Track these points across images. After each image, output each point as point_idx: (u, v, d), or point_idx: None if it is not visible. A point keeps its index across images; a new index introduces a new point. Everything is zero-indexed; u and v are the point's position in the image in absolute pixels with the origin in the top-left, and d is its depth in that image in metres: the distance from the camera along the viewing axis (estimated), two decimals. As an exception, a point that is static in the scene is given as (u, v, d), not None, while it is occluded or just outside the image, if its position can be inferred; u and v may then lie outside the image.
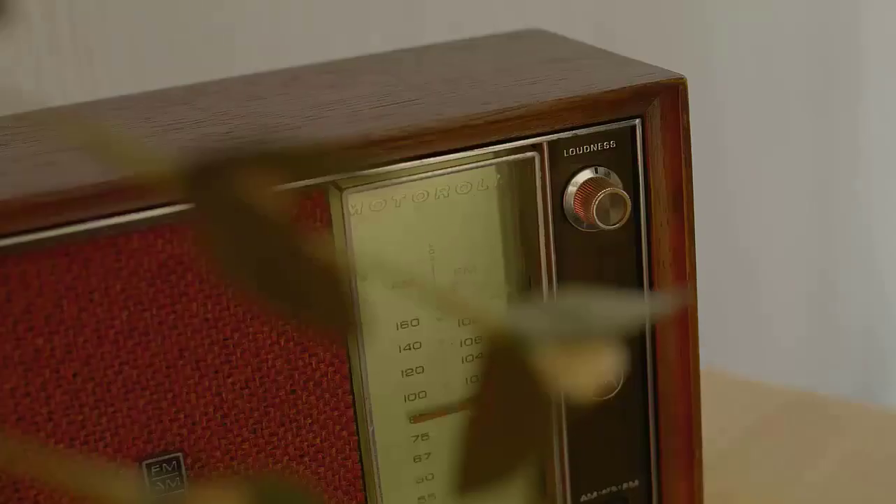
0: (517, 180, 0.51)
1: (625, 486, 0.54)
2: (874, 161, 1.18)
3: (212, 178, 0.24)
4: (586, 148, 0.50)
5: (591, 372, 0.29)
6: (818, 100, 1.12)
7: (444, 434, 0.52)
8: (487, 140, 0.49)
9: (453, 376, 0.52)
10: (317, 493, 0.25)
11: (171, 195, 0.24)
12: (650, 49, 0.95)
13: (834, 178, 1.16)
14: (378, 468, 0.50)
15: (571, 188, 0.50)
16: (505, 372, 0.29)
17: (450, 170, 0.49)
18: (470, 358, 0.52)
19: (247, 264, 0.25)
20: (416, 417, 0.51)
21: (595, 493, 0.54)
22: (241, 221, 0.24)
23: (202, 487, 0.26)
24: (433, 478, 0.52)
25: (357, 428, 0.50)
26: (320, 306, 0.26)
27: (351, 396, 0.49)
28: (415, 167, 0.48)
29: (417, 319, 0.51)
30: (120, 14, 0.77)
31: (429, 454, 0.52)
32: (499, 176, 0.50)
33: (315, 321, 0.26)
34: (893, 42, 1.13)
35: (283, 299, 0.26)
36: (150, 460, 0.48)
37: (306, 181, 0.47)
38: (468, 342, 0.51)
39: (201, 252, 0.44)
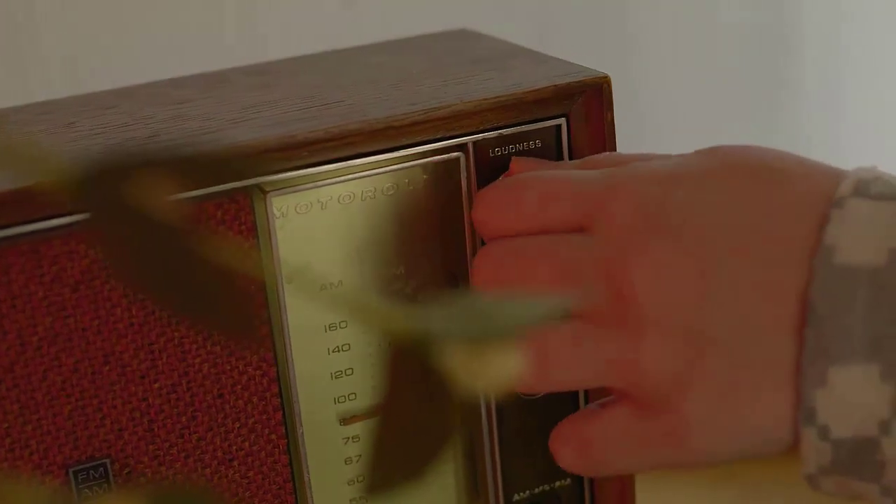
0: (444, 180, 0.51)
1: (557, 484, 0.55)
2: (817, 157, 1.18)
3: (105, 184, 0.24)
4: (512, 147, 0.50)
5: (499, 371, 0.29)
6: (757, 97, 1.13)
7: (375, 435, 0.52)
8: (412, 141, 0.49)
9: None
10: (218, 495, 0.25)
11: (68, 203, 0.24)
12: (586, 46, 0.95)
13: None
14: (308, 471, 0.50)
15: (497, 188, 0.50)
16: (412, 372, 0.29)
17: (375, 171, 0.49)
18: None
19: (145, 271, 0.25)
20: (347, 419, 0.51)
21: (527, 492, 0.54)
22: (135, 227, 0.24)
23: (103, 494, 0.26)
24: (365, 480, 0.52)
25: (286, 431, 0.50)
26: (222, 312, 0.25)
27: (279, 399, 0.49)
28: (340, 169, 0.48)
29: (346, 321, 0.51)
30: (51, 16, 0.76)
31: (359, 456, 0.52)
32: (425, 176, 0.50)
33: (217, 327, 0.26)
34: (834, 38, 1.14)
35: (184, 306, 0.25)
36: (77, 467, 0.47)
37: (229, 184, 0.47)
38: (398, 343, 0.51)
39: (100, 259, 0.44)
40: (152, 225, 0.24)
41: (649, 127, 1.05)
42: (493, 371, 0.29)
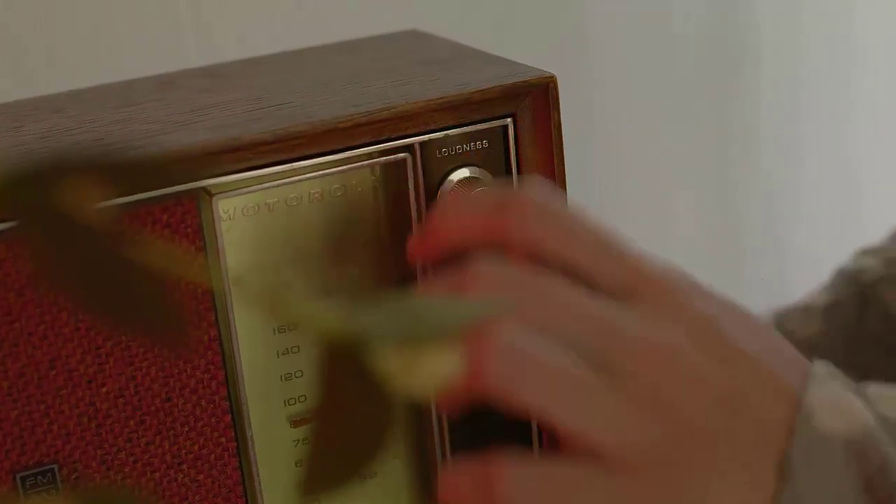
0: (392, 181, 0.51)
1: (509, 483, 0.54)
2: (773, 154, 1.19)
3: (31, 189, 0.24)
4: (459, 148, 0.50)
5: (432, 372, 0.29)
6: (712, 101, 1.13)
7: (327, 437, 0.52)
8: (358, 142, 0.49)
9: (334, 379, 0.51)
10: (148, 499, 0.25)
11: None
12: (542, 49, 0.96)
13: (733, 174, 1.17)
14: (258, 473, 0.50)
15: (445, 188, 0.50)
16: (347, 374, 0.29)
17: (323, 172, 0.49)
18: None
19: (73, 276, 0.25)
20: (297, 421, 0.51)
21: (480, 492, 0.54)
22: (60, 232, 0.24)
23: (49, 499, 0.26)
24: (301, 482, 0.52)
25: (236, 433, 0.50)
26: (148, 316, 0.25)
27: (228, 402, 0.49)
28: (287, 170, 0.48)
29: (296, 323, 0.51)
30: (1, 18, 0.76)
31: (311, 458, 0.52)
32: (373, 177, 0.50)
33: (144, 331, 0.26)
34: (790, 42, 1.15)
35: (112, 310, 0.25)
36: (25, 473, 0.47)
37: (174, 188, 0.47)
38: (348, 345, 0.51)
39: (28, 264, 0.44)
40: (77, 229, 0.24)
41: (606, 129, 1.05)
42: (429, 372, 0.29)
